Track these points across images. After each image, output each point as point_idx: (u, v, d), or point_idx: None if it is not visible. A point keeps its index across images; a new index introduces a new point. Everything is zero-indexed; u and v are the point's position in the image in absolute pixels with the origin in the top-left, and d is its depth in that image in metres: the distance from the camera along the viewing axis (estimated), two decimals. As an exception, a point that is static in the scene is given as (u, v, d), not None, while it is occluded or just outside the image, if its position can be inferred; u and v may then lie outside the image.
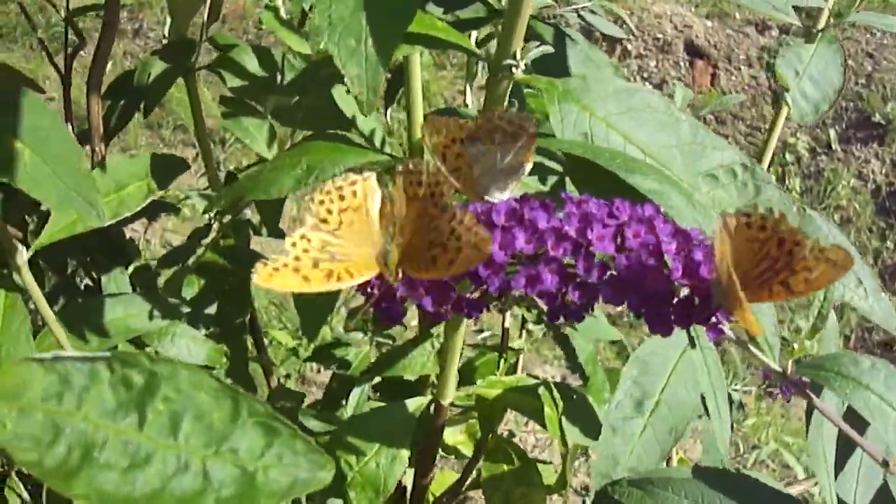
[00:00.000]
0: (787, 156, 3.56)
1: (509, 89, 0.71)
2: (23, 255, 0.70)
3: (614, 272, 0.52)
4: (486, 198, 0.59)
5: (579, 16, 1.22)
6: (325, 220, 0.55)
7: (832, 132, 3.61)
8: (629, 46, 4.00)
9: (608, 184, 0.57)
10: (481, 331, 2.84)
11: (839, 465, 0.76)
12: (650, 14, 4.07)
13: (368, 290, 0.56)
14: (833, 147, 3.57)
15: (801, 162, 3.57)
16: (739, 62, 3.91)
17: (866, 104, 3.65)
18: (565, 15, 1.19)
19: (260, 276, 0.51)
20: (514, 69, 0.67)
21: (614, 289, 0.52)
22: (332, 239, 0.54)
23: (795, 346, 0.64)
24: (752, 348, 0.61)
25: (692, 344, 0.61)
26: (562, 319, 0.53)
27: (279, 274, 0.51)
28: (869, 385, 0.62)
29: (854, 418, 0.67)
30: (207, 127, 3.34)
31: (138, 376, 0.37)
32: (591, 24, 1.24)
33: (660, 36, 4.01)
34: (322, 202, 0.55)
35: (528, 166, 0.60)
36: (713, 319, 0.53)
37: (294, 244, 0.53)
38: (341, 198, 0.55)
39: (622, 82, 0.67)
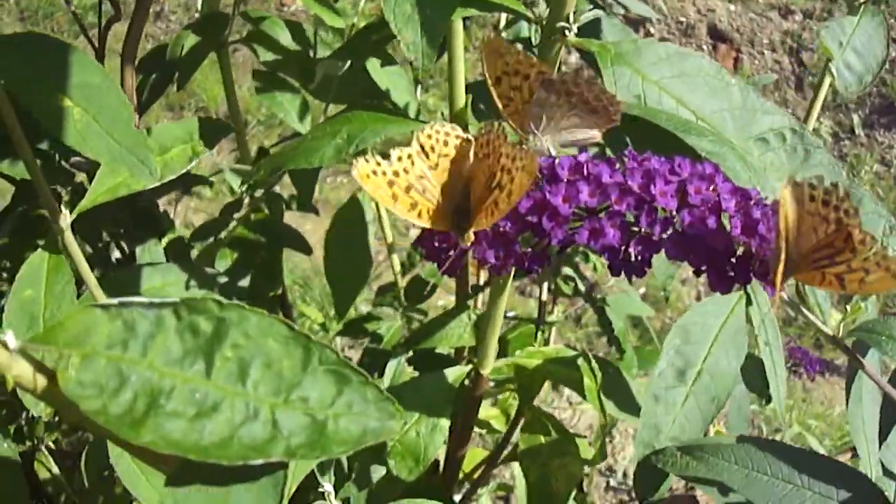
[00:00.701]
0: (811, 140, 3.54)
1: (560, 53, 0.71)
2: (66, 219, 0.70)
3: (676, 228, 0.52)
4: (530, 138, 0.59)
5: (609, -6, 1.22)
6: (426, 153, 0.56)
7: (855, 117, 3.59)
8: (652, 30, 3.99)
9: (665, 144, 0.57)
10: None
11: (882, 437, 0.76)
12: (673, -3, 4.06)
13: (434, 242, 0.56)
14: (856, 132, 3.55)
15: (825, 146, 3.56)
16: (763, 46, 3.89)
17: (890, 89, 3.63)
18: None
19: (359, 171, 0.51)
20: (567, 32, 0.66)
21: (676, 244, 0.52)
22: (429, 174, 0.55)
23: (848, 308, 0.63)
24: (804, 310, 0.60)
25: (748, 301, 0.61)
26: (623, 275, 0.52)
27: (375, 178, 0.52)
28: (922, 350, 0.61)
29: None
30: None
31: (206, 323, 0.36)
32: (619, 3, 1.24)
33: (683, 19, 4.00)
34: (430, 136, 0.56)
35: (594, 140, 0.61)
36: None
37: (400, 158, 0.54)
38: (446, 143, 0.56)
39: (673, 47, 0.67)
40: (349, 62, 1.07)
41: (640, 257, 0.52)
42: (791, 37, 3.85)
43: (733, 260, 0.53)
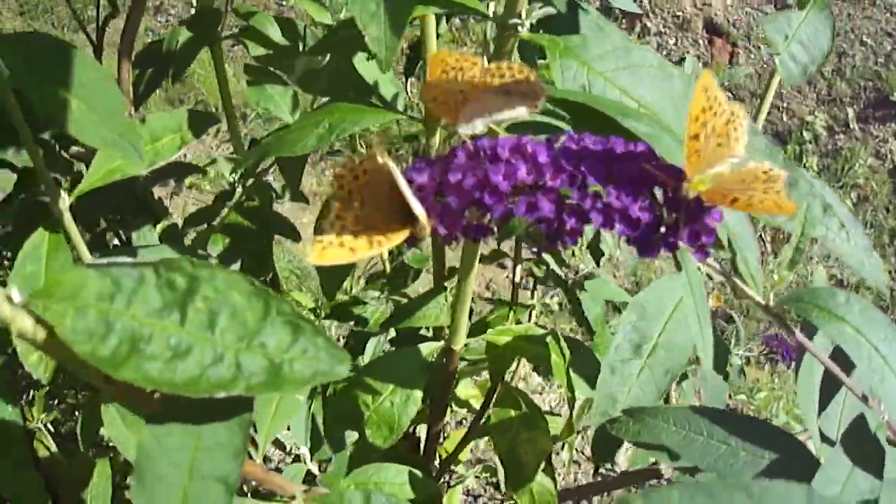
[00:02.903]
0: (805, 134, 3.58)
1: (515, 48, 0.76)
2: (65, 202, 0.75)
3: (605, 201, 0.57)
4: (466, 128, 0.63)
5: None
6: (344, 198, 0.60)
7: (850, 111, 3.63)
8: (648, 24, 4.03)
9: (605, 128, 0.62)
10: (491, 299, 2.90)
11: (823, 405, 0.79)
12: (669, -8, 4.10)
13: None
14: (851, 126, 3.59)
15: (819, 140, 3.59)
16: (759, 40, 3.93)
17: (885, 83, 3.66)
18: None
19: (313, 255, 0.56)
20: (519, 28, 0.72)
21: (605, 215, 0.57)
22: (361, 212, 0.60)
23: (775, 277, 0.68)
24: (736, 280, 0.66)
25: (678, 267, 0.66)
26: (558, 244, 0.58)
27: (329, 251, 0.57)
28: (844, 317, 0.66)
29: (841, 358, 0.71)
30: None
31: (181, 279, 0.42)
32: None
33: (679, 13, 4.04)
34: (340, 181, 0.60)
35: (521, 118, 0.65)
36: (699, 241, 0.58)
37: (332, 224, 0.59)
38: (356, 176, 0.60)
39: (620, 40, 0.72)
40: (328, 56, 1.11)
41: (572, 228, 0.58)
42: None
43: (663, 229, 0.58)
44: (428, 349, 0.95)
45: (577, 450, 2.48)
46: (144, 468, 0.45)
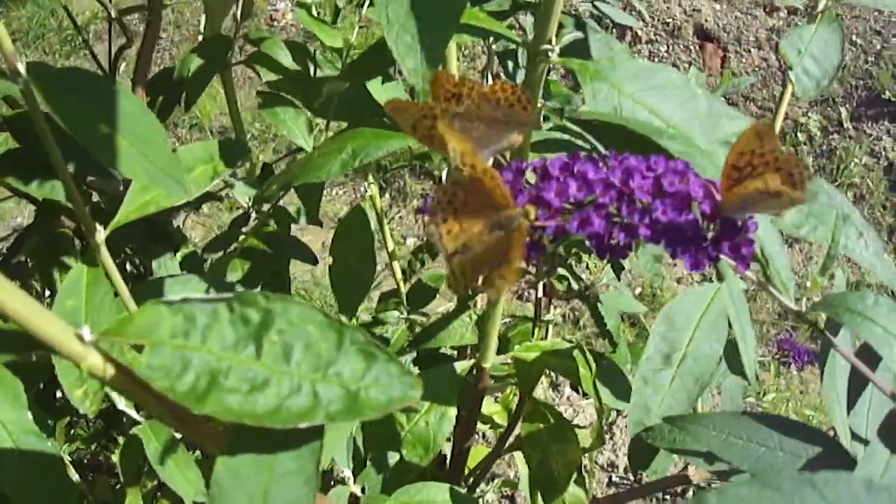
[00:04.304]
0: (800, 135, 3.59)
1: (545, 72, 0.78)
2: (101, 235, 0.76)
3: (652, 216, 0.59)
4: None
5: (593, 5, 1.28)
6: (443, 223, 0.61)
7: (843, 110, 3.64)
8: (639, 32, 4.04)
9: (640, 147, 0.64)
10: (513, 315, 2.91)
11: (850, 404, 0.81)
12: (659, -1, 4.11)
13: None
14: (844, 125, 3.60)
15: (814, 141, 3.60)
16: (749, 44, 3.94)
17: (876, 82, 3.68)
18: (578, 6, 1.25)
19: (492, 296, 0.56)
20: (550, 53, 0.74)
21: (652, 230, 0.59)
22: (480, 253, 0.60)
23: (809, 284, 0.71)
24: (771, 289, 0.68)
25: (719, 278, 0.68)
26: (608, 257, 0.60)
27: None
28: (873, 318, 0.68)
29: (865, 359, 0.73)
30: (221, 125, 3.35)
31: (255, 314, 0.44)
32: (604, 14, 1.30)
33: (669, 20, 4.05)
34: (438, 202, 0.61)
35: (515, 144, 0.66)
36: (741, 251, 0.60)
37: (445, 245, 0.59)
38: (450, 203, 0.61)
39: (645, 62, 0.74)
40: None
41: (621, 243, 0.60)
42: (776, 34, 3.91)
43: (705, 242, 0.60)
44: (462, 366, 0.96)
45: (602, 466, 2.49)
46: (219, 499, 0.46)
